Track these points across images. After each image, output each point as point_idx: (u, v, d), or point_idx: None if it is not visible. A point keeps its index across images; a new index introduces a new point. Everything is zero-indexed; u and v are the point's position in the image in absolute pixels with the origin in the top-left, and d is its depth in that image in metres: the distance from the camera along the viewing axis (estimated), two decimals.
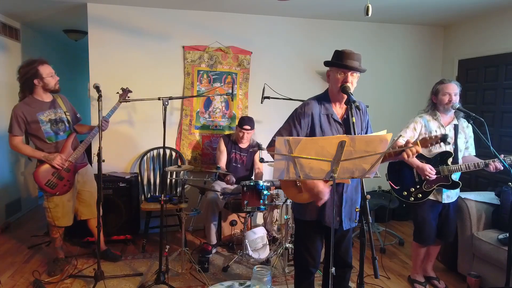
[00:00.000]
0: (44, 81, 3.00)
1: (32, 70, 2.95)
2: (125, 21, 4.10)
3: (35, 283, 2.98)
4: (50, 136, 3.05)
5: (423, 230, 2.91)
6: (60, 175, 3.04)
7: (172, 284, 2.94)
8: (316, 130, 2.08)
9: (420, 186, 2.85)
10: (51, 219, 3.09)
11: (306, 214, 2.16)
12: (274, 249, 3.56)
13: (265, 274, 1.96)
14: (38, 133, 3.01)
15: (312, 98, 2.16)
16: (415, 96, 4.75)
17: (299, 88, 4.45)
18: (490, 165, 2.63)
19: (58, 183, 3.03)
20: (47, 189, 3.01)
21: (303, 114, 2.08)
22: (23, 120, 2.97)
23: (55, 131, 3.06)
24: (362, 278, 1.84)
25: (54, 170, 3.02)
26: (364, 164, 1.75)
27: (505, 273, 2.55)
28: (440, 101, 2.82)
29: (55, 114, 3.09)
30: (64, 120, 3.14)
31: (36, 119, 2.98)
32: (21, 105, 3.00)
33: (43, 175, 2.99)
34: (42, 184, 2.99)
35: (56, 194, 3.04)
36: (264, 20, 4.43)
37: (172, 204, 3.70)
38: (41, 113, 3.02)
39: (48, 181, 3.00)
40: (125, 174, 4.02)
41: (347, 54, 2.02)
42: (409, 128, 2.85)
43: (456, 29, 4.75)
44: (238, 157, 3.92)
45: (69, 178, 3.09)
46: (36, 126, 2.99)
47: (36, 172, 3.00)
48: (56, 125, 3.08)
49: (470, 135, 2.93)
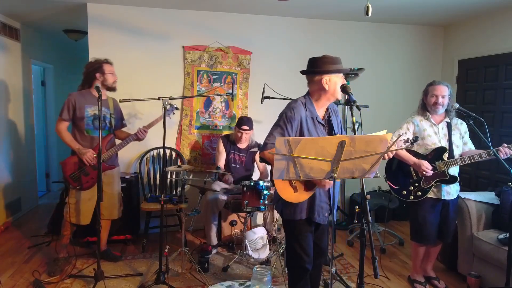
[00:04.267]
0: (104, 76, 3.16)
1: (97, 65, 3.17)
2: (125, 21, 4.11)
3: (35, 283, 2.98)
4: (89, 129, 3.18)
5: (423, 230, 2.91)
6: (86, 171, 3.13)
7: (172, 284, 2.94)
8: (304, 133, 2.17)
9: (419, 184, 2.86)
10: (68, 214, 3.19)
11: (296, 214, 2.20)
12: (274, 249, 3.56)
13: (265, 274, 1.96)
14: (80, 123, 3.15)
15: (298, 102, 2.23)
16: (415, 96, 4.69)
17: (299, 88, 4.41)
18: (500, 151, 2.61)
19: (82, 178, 3.14)
20: (70, 180, 3.13)
21: (293, 118, 2.15)
22: (73, 106, 3.13)
23: (95, 126, 3.18)
24: (362, 278, 1.84)
25: (82, 165, 3.12)
26: (364, 164, 1.75)
27: (505, 273, 2.55)
28: (428, 102, 2.88)
29: (101, 112, 3.16)
30: (107, 120, 3.25)
31: (83, 109, 3.14)
32: (75, 93, 3.20)
33: (70, 167, 3.12)
34: (67, 174, 3.12)
35: (77, 187, 3.14)
36: (264, 20, 4.44)
37: (172, 204, 3.70)
38: (89, 106, 3.16)
39: (73, 173, 3.12)
40: (125, 174, 4.02)
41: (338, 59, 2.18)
42: (403, 129, 2.91)
43: (456, 29, 4.75)
44: (237, 158, 3.92)
45: (93, 176, 3.15)
46: (81, 116, 3.14)
47: (64, 162, 3.14)
48: (98, 121, 3.16)
49: (465, 131, 2.94)
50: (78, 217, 3.19)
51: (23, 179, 4.88)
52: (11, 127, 4.60)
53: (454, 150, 2.84)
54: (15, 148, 4.68)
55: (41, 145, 5.87)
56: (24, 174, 4.90)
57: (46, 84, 6.03)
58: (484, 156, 2.67)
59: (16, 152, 4.70)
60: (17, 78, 4.81)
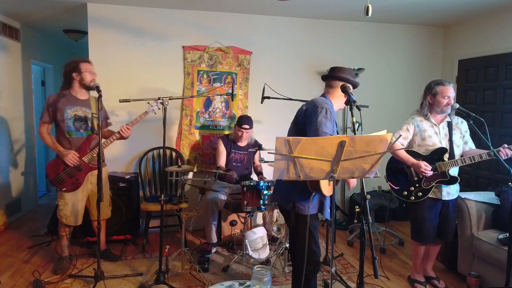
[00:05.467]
0: (81, 75, 3.13)
1: (73, 64, 3.13)
2: (125, 21, 4.11)
3: (35, 283, 2.98)
4: (70, 130, 3.14)
5: (422, 229, 2.91)
6: (70, 173, 3.10)
7: (172, 284, 2.93)
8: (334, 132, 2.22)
9: (419, 184, 2.86)
10: (60, 216, 3.18)
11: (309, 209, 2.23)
12: (274, 249, 3.56)
13: (265, 274, 1.96)
14: (62, 125, 3.11)
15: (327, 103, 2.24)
16: (415, 96, 4.70)
17: (299, 88, 4.46)
18: (501, 152, 2.61)
19: (66, 180, 3.10)
20: (55, 183, 3.11)
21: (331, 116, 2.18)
22: (53, 108, 3.09)
23: (76, 128, 3.15)
24: (362, 278, 1.84)
25: (66, 167, 3.09)
26: (364, 164, 1.75)
27: (505, 273, 2.55)
28: (438, 103, 2.81)
29: (82, 112, 3.18)
30: (88, 120, 3.21)
31: (63, 111, 3.10)
32: (54, 95, 3.17)
33: (55, 169, 3.09)
34: (52, 177, 3.09)
35: (63, 190, 3.11)
36: (264, 20, 4.44)
37: (172, 204, 3.70)
38: (70, 107, 3.13)
39: (57, 175, 3.09)
40: (125, 174, 4.02)
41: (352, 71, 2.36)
42: (402, 130, 2.89)
43: (456, 29, 4.75)
44: (238, 156, 3.92)
45: (79, 177, 3.13)
46: (61, 118, 3.10)
47: (49, 164, 3.12)
48: (79, 122, 3.16)
49: (465, 130, 2.93)
50: (69, 219, 3.17)
51: (23, 179, 4.88)
52: (11, 127, 4.60)
53: (455, 150, 2.84)
54: (15, 148, 4.68)
55: (41, 145, 5.85)
56: (24, 174, 4.90)
57: (46, 84, 6.04)
58: (485, 156, 2.67)
59: (16, 152, 4.70)
60: (17, 78, 4.81)
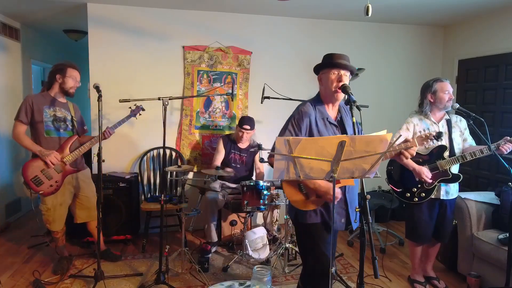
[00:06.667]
0: (64, 79, 3.07)
1: (60, 66, 3.09)
2: (125, 21, 4.10)
3: (35, 283, 2.98)
4: (50, 130, 3.06)
5: (417, 229, 2.91)
6: (49, 174, 3.00)
7: (172, 284, 2.93)
8: (314, 135, 2.08)
9: (422, 185, 2.84)
10: (44, 222, 3.14)
11: (307, 218, 2.10)
12: (274, 249, 3.56)
13: (265, 274, 1.96)
14: (39, 126, 3.02)
15: (307, 104, 2.16)
16: (415, 96, 4.67)
17: (299, 88, 4.45)
18: (501, 147, 2.60)
19: (44, 182, 2.98)
20: (32, 185, 2.94)
21: (301, 120, 2.08)
22: (30, 108, 3.00)
23: (56, 127, 3.08)
24: (362, 278, 1.84)
25: (44, 168, 2.97)
26: (364, 164, 1.75)
27: (505, 273, 2.55)
28: (440, 99, 2.80)
29: (62, 113, 3.12)
30: (68, 121, 3.15)
31: (41, 110, 3.02)
32: (33, 95, 3.11)
33: (32, 170, 2.95)
34: (28, 178, 2.93)
35: (39, 193, 2.99)
36: (264, 20, 4.43)
37: (172, 204, 3.70)
38: (48, 106, 3.06)
39: (35, 177, 2.95)
40: (125, 174, 4.02)
41: (337, 55, 2.13)
42: (402, 130, 2.88)
43: (456, 29, 4.75)
44: (238, 157, 3.92)
45: (57, 179, 3.03)
46: (39, 118, 3.01)
47: (25, 165, 2.95)
48: (59, 122, 3.11)
49: (464, 127, 2.93)
50: (53, 224, 3.13)
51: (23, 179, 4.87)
52: (11, 127, 4.58)
53: (455, 147, 2.84)
54: (15, 148, 4.67)
55: None
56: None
57: None
58: (486, 151, 2.64)
59: (16, 152, 4.70)
60: (17, 78, 4.80)
